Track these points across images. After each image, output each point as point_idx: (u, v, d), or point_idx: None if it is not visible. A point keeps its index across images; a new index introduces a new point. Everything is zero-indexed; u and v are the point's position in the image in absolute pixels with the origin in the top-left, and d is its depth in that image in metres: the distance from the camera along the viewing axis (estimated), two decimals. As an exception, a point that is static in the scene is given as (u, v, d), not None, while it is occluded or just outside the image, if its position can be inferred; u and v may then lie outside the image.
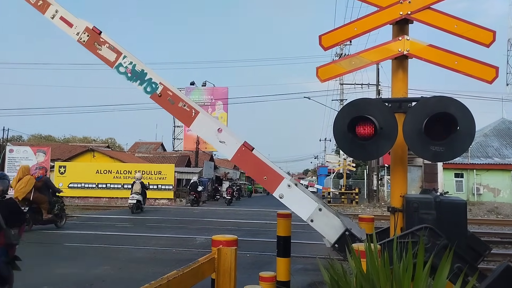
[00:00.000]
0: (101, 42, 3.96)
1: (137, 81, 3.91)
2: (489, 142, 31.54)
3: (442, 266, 2.23)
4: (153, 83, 3.88)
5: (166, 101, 3.85)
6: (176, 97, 3.84)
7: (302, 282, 5.75)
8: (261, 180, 3.67)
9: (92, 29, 3.99)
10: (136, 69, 3.92)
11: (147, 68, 3.96)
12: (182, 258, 7.60)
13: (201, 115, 3.80)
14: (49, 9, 4.07)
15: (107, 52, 3.95)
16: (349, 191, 27.88)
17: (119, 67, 3.94)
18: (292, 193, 3.59)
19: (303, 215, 3.55)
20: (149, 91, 3.87)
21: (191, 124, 3.82)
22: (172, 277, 1.95)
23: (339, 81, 39.53)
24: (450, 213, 3.43)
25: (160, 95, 3.85)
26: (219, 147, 3.78)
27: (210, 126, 3.81)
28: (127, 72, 3.93)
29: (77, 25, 4.02)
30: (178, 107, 3.82)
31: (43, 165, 13.42)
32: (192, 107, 3.82)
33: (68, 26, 4.04)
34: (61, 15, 4.07)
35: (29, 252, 8.21)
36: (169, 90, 3.85)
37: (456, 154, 3.41)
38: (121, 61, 3.94)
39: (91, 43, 3.98)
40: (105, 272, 6.56)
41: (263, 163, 3.68)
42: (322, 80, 4.09)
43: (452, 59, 3.78)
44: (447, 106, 3.32)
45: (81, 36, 3.99)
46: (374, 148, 3.47)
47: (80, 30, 4.00)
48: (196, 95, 44.43)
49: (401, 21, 3.94)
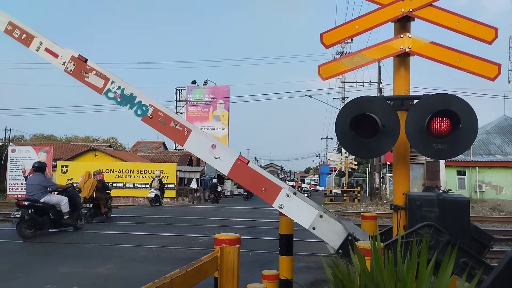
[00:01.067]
0: (88, 69, 3.98)
1: (127, 105, 3.92)
2: (491, 139, 31.48)
3: (445, 263, 2.22)
4: (143, 105, 3.88)
5: (157, 122, 3.85)
6: (167, 117, 3.85)
7: (305, 280, 5.75)
8: (259, 192, 3.66)
9: (78, 58, 4.00)
10: (125, 93, 3.92)
11: (136, 90, 3.96)
12: (185, 257, 7.61)
13: (193, 133, 3.80)
14: (33, 42, 4.08)
15: (95, 79, 3.96)
16: (351, 189, 27.85)
17: (108, 93, 3.94)
18: (292, 203, 3.59)
19: (304, 223, 3.54)
20: (139, 114, 3.88)
21: (185, 143, 3.82)
22: (176, 276, 1.95)
23: (341, 79, 39.46)
24: (453, 210, 3.42)
25: (151, 117, 3.85)
26: (215, 163, 3.78)
27: (203, 143, 3.80)
28: (116, 97, 3.93)
29: (62, 55, 4.02)
30: (170, 127, 3.83)
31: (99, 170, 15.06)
32: (184, 126, 3.81)
33: (53, 57, 4.05)
34: (45, 46, 4.07)
35: (32, 251, 8.23)
36: (160, 111, 3.85)
37: (458, 151, 3.41)
38: (109, 86, 3.94)
39: (78, 71, 3.99)
40: (108, 271, 6.58)
41: (260, 175, 3.68)
42: (324, 78, 4.08)
43: (454, 56, 3.77)
44: (450, 103, 3.32)
45: (68, 65, 4.00)
46: (376, 146, 3.47)
47: (66, 59, 4.01)
48: (197, 94, 44.47)
49: (403, 19, 3.93)
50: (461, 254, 3.11)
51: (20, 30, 4.10)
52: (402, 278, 2.14)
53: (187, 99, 44.45)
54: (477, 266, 3.10)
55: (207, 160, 3.82)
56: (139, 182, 26.00)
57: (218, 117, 43.96)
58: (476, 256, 3.22)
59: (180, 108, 44.54)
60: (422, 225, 3.25)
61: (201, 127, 43.11)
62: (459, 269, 3.05)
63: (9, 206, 20.42)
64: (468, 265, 3.09)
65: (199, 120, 43.71)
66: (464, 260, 3.11)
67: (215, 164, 3.78)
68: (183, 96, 44.85)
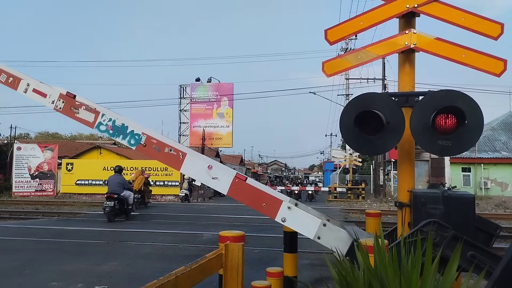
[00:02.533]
0: (77, 105, 3.99)
1: (119, 136, 3.93)
2: (496, 136, 31.29)
3: (452, 260, 2.21)
4: (135, 134, 3.89)
5: (152, 150, 3.85)
6: (161, 143, 3.85)
7: (309, 278, 5.75)
8: (261, 208, 3.65)
9: (66, 95, 4.01)
10: (116, 124, 3.93)
11: (127, 120, 3.97)
12: (190, 254, 7.63)
13: (189, 156, 3.80)
14: (20, 84, 4.10)
15: (85, 114, 3.98)
16: (356, 186, 27.78)
17: (99, 126, 3.96)
18: (294, 215, 3.58)
19: (309, 234, 3.53)
20: (133, 143, 3.89)
21: (181, 167, 3.82)
22: (180, 273, 1.95)
23: (345, 76, 39.35)
24: (458, 207, 3.40)
25: (144, 145, 3.86)
26: (213, 184, 3.76)
27: (200, 165, 3.80)
28: (108, 129, 3.95)
29: (50, 94, 4.04)
30: (165, 153, 3.83)
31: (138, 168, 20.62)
32: (179, 150, 3.81)
33: (42, 97, 4.07)
34: (33, 87, 4.10)
35: (38, 248, 8.28)
36: (153, 138, 3.86)
37: (464, 148, 3.39)
38: (100, 119, 3.95)
39: (67, 108, 4.00)
40: (113, 267, 6.61)
41: (259, 191, 3.66)
42: (328, 75, 4.06)
43: (460, 52, 3.74)
44: (455, 99, 3.29)
45: (57, 103, 4.02)
46: (381, 142, 3.45)
47: (54, 98, 4.03)
48: (201, 91, 44.44)
49: (408, 14, 3.90)
50: (468, 247, 3.10)
51: (6, 74, 4.13)
52: (407, 275, 2.13)
53: (191, 96, 44.45)
54: (485, 258, 3.10)
55: (205, 182, 3.80)
56: (143, 180, 26.07)
57: (222, 115, 43.95)
58: (483, 247, 3.20)
59: (184, 106, 44.56)
60: (425, 222, 3.23)
61: (205, 124, 43.14)
62: (467, 263, 3.05)
63: (15, 204, 20.54)
64: (476, 257, 3.09)
65: (203, 118, 43.72)
66: (472, 253, 3.10)
67: (214, 185, 3.76)
68: (187, 94, 44.84)
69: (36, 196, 24.65)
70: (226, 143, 44.22)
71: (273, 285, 3.49)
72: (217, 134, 43.57)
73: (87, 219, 14.13)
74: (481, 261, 3.08)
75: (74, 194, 25.54)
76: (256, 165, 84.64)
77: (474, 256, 3.09)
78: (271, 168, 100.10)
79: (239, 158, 64.00)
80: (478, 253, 3.12)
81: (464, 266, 3.01)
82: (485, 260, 3.09)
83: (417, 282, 2.11)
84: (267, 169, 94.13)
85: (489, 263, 3.04)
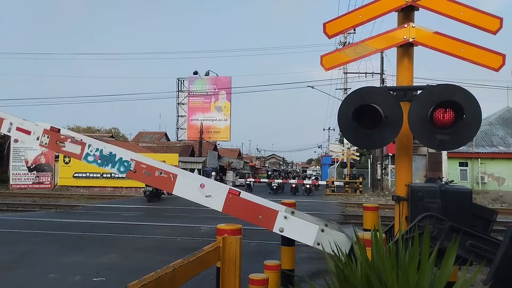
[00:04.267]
0: (63, 139, 3.99)
1: (108, 165, 3.91)
2: (494, 130, 31.35)
3: (448, 254, 2.22)
4: (124, 162, 3.88)
5: (142, 175, 3.84)
6: (150, 168, 3.84)
7: (307, 271, 5.78)
8: (257, 221, 3.63)
9: (51, 129, 4.00)
10: (104, 153, 3.92)
11: (115, 148, 3.96)
12: (188, 247, 7.65)
13: (180, 177, 3.79)
14: (3, 124, 4.09)
15: (71, 147, 3.97)
16: (353, 180, 27.84)
17: (87, 157, 3.95)
18: (291, 224, 3.58)
19: (308, 241, 3.52)
20: (122, 170, 3.87)
21: (173, 189, 3.81)
22: (178, 266, 1.96)
23: (343, 70, 39.25)
24: (455, 201, 3.42)
25: (134, 171, 3.85)
26: (207, 202, 3.75)
27: (191, 184, 3.78)
28: (96, 160, 3.94)
29: (35, 131, 4.04)
30: (156, 176, 3.82)
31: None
32: (169, 172, 3.80)
33: (26, 134, 4.07)
34: (16, 126, 4.09)
35: (36, 240, 8.29)
36: (142, 163, 3.84)
37: (462, 142, 3.39)
38: (87, 150, 3.94)
39: (53, 143, 3.99)
40: (111, 260, 6.62)
41: (254, 204, 3.65)
42: (327, 69, 4.05)
43: (459, 46, 3.73)
44: (453, 94, 3.29)
45: (42, 139, 4.02)
46: (379, 137, 3.46)
47: (39, 134, 4.03)
48: (199, 85, 44.35)
49: (407, 8, 3.89)
50: (467, 237, 3.12)
51: None
52: (404, 269, 2.14)
53: (189, 89, 44.34)
54: (485, 246, 3.12)
55: (199, 201, 3.78)
56: (141, 173, 26.05)
57: (220, 108, 43.88)
58: (482, 235, 3.22)
59: (182, 99, 44.45)
60: (421, 217, 3.25)
61: (203, 117, 43.10)
62: (467, 252, 3.08)
63: (12, 196, 20.53)
64: (475, 246, 3.11)
65: (201, 111, 43.66)
66: (471, 242, 3.13)
67: (208, 203, 3.74)
68: (184, 87, 44.73)
69: (34, 189, 24.63)
70: (224, 136, 44.24)
71: (271, 278, 3.50)
72: (215, 128, 43.56)
73: (85, 211, 14.14)
74: (480, 249, 3.11)
75: (72, 186, 25.53)
76: (254, 158, 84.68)
77: (473, 245, 3.12)
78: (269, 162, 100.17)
79: (237, 152, 63.99)
80: (477, 241, 3.14)
81: (465, 256, 3.04)
82: (485, 248, 3.12)
83: (414, 276, 2.12)
84: (265, 162, 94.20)
85: (489, 251, 3.07)
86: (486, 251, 3.10)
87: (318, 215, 4.25)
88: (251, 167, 61.90)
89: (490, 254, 3.05)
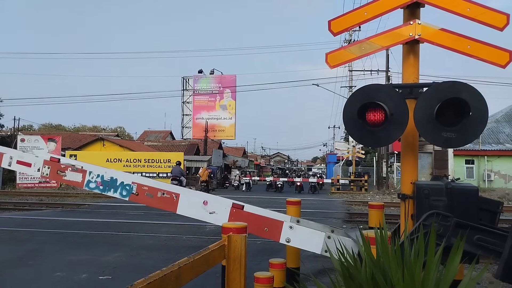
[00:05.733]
0: (63, 168, 4.00)
1: (110, 190, 3.92)
2: (500, 128, 31.12)
3: (454, 252, 2.21)
4: (126, 185, 3.89)
5: (145, 197, 3.85)
6: (152, 189, 3.84)
7: (312, 269, 5.77)
8: (263, 233, 3.61)
9: (51, 160, 4.01)
10: (105, 179, 3.93)
11: (116, 172, 3.97)
12: (193, 245, 7.67)
13: (182, 196, 3.80)
14: (4, 158, 4.11)
15: (72, 175, 3.98)
16: (358, 178, 27.76)
17: (89, 184, 3.96)
18: (297, 233, 3.57)
19: (316, 249, 3.51)
20: (125, 194, 3.88)
21: (177, 209, 3.81)
22: (183, 264, 1.96)
23: (348, 68, 39.13)
24: (461, 199, 3.40)
25: (137, 193, 3.86)
26: (212, 219, 3.73)
27: (195, 202, 3.79)
28: (98, 186, 3.95)
29: (35, 162, 4.05)
30: (158, 197, 3.82)
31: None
32: (171, 192, 3.80)
33: (27, 167, 4.09)
34: (16, 159, 4.11)
35: (42, 239, 8.34)
36: (144, 186, 3.85)
37: (468, 140, 3.37)
38: (89, 178, 3.95)
39: (54, 173, 4.01)
40: (116, 259, 6.65)
41: (259, 216, 3.65)
42: (332, 66, 4.03)
43: (465, 43, 3.70)
44: (460, 91, 3.27)
45: (43, 170, 4.04)
46: (385, 134, 3.44)
47: (39, 165, 4.04)
48: (204, 83, 44.37)
49: (412, 5, 3.86)
50: (474, 232, 3.11)
51: None
52: (410, 267, 2.13)
53: (194, 88, 44.39)
54: (492, 239, 3.11)
55: (203, 218, 3.76)
56: (146, 172, 26.14)
57: (225, 106, 43.90)
58: (489, 229, 3.21)
59: (187, 98, 44.52)
60: (426, 215, 3.23)
61: (207, 116, 43.13)
62: (475, 246, 3.07)
63: (19, 195, 20.66)
64: (483, 240, 3.10)
65: (206, 110, 43.70)
66: (478, 236, 3.11)
67: (213, 219, 3.73)
68: (189, 86, 44.78)
69: (40, 188, 24.80)
70: (228, 135, 44.25)
71: (276, 276, 3.51)
72: (220, 126, 43.58)
73: (91, 210, 14.21)
74: (488, 243, 3.09)
75: (78, 185, 25.65)
76: (259, 157, 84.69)
77: (480, 239, 3.10)
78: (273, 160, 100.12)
79: (242, 150, 64.03)
80: (484, 235, 3.13)
81: (473, 251, 3.03)
82: (493, 241, 3.10)
83: (420, 274, 2.11)
84: (269, 161, 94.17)
85: (497, 244, 3.05)
86: (495, 245, 3.08)
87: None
88: (256, 166, 61.93)
89: (498, 247, 3.04)
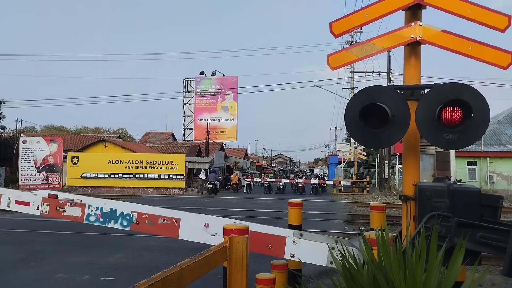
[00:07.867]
0: (62, 204, 4.00)
1: (110, 221, 3.92)
2: (502, 129, 31.06)
3: (456, 253, 2.21)
4: (126, 215, 3.88)
5: (146, 225, 3.84)
6: (153, 216, 3.84)
7: (314, 271, 5.76)
8: (267, 251, 3.58)
9: (49, 197, 4.02)
10: (105, 211, 3.93)
11: (115, 203, 3.98)
12: (194, 247, 7.61)
13: (183, 221, 3.80)
14: (2, 199, 4.13)
15: (72, 211, 3.99)
16: (360, 179, 27.73)
17: (88, 217, 3.95)
18: (301, 248, 3.56)
19: (321, 262, 3.49)
20: (125, 224, 3.88)
21: (179, 234, 3.79)
22: (185, 265, 1.96)
23: (350, 69, 39.16)
24: (463, 201, 3.39)
25: (137, 222, 3.86)
26: (214, 240, 3.72)
27: (196, 226, 3.79)
28: (98, 219, 3.94)
29: (33, 201, 4.06)
30: (159, 224, 3.82)
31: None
32: (172, 218, 3.80)
33: (26, 206, 4.11)
34: (15, 199, 4.14)
35: (44, 240, 8.35)
36: (144, 214, 3.84)
37: (470, 141, 3.36)
38: (88, 211, 3.95)
39: (53, 210, 4.01)
40: (118, 260, 6.66)
41: (261, 234, 3.64)
42: (333, 68, 4.04)
43: (466, 44, 3.70)
44: (461, 92, 3.27)
45: (42, 208, 4.05)
46: (386, 136, 3.44)
47: (38, 203, 4.05)
48: (206, 85, 44.42)
49: (414, 6, 3.86)
50: (476, 229, 3.11)
51: None
52: (411, 268, 2.12)
53: (196, 90, 44.44)
54: (496, 236, 3.10)
55: (207, 241, 3.75)
56: (148, 173, 26.16)
57: (227, 108, 43.93)
58: (491, 226, 3.20)
59: (189, 99, 44.56)
60: (427, 218, 3.22)
61: (209, 118, 43.16)
62: (479, 244, 3.06)
63: (21, 196, 20.71)
64: (486, 237, 3.10)
65: (208, 111, 43.73)
66: (482, 234, 3.11)
67: (215, 241, 3.71)
68: (191, 87, 44.84)
69: (43, 189, 24.80)
70: (230, 136, 44.26)
71: (278, 277, 3.50)
72: (222, 128, 43.61)
73: (92, 212, 14.23)
74: (492, 240, 3.09)
75: (80, 187, 25.71)
76: (261, 158, 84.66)
77: (484, 236, 3.10)
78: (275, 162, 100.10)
79: (244, 152, 64.02)
80: (487, 232, 3.12)
81: (477, 249, 3.03)
82: (496, 237, 3.10)
83: (421, 275, 2.11)
84: (271, 162, 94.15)
85: (501, 240, 3.05)
86: (498, 241, 3.08)
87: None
88: (258, 167, 61.89)
89: (502, 243, 3.03)
